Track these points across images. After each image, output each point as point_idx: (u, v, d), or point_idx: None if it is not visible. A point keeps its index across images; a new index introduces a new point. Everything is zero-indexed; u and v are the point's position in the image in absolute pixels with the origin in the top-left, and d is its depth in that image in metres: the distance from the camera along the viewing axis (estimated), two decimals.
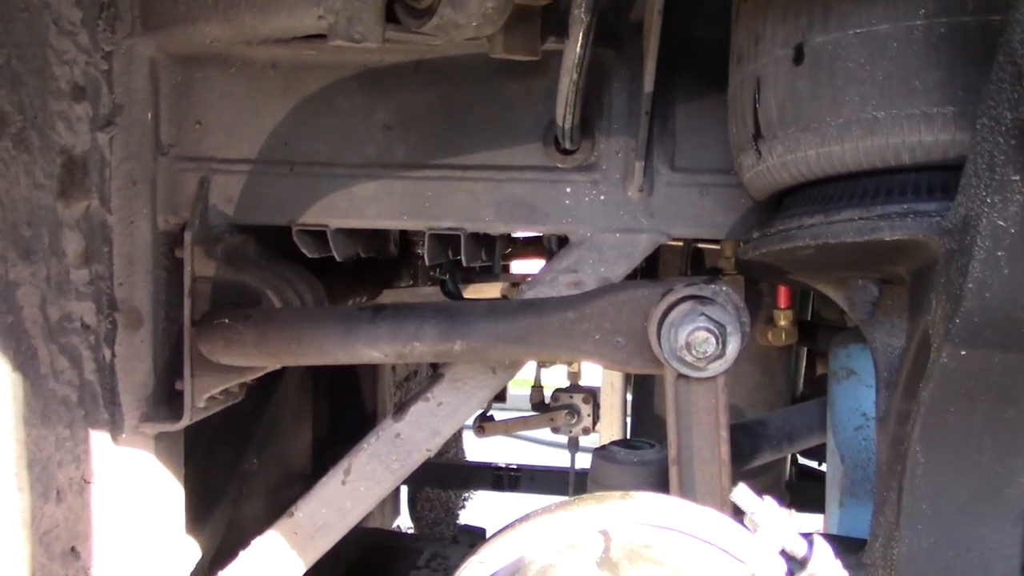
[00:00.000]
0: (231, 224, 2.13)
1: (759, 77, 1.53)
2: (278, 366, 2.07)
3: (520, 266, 3.68)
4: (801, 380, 3.43)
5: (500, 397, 4.15)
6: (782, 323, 2.62)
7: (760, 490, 2.96)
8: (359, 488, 2.12)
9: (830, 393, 2.05)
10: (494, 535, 1.12)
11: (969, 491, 1.45)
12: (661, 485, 1.68)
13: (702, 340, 1.55)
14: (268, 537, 2.13)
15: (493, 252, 3.13)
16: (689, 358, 1.57)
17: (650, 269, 2.98)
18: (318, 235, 2.13)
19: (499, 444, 3.57)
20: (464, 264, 2.16)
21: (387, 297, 2.92)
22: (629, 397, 3.47)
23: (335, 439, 3.38)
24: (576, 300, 1.74)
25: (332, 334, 1.83)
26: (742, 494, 1.22)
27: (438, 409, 2.09)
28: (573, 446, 3.17)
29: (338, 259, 2.14)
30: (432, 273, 2.73)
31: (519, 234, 3.07)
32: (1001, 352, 1.28)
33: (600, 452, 1.78)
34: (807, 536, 1.22)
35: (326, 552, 2.14)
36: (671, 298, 1.60)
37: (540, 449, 7.30)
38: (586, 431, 3.08)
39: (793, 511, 1.23)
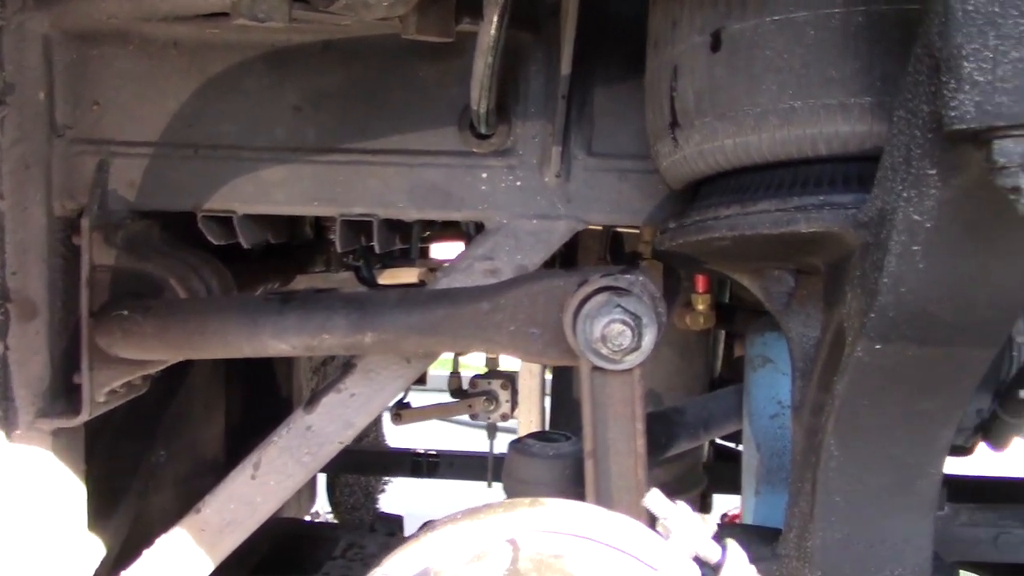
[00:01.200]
0: (132, 210, 2.03)
1: (676, 64, 1.50)
2: (180, 359, 1.99)
3: (440, 249, 3.63)
4: (719, 363, 3.44)
5: (420, 380, 4.09)
6: (700, 307, 2.61)
7: (678, 473, 2.97)
8: (269, 482, 2.05)
9: (746, 381, 2.04)
10: (398, 546, 1.07)
11: (883, 483, 1.45)
12: (577, 478, 1.65)
13: (617, 332, 1.52)
14: (174, 535, 2.06)
15: (410, 237, 3.08)
16: (604, 351, 1.53)
17: (569, 254, 2.95)
18: (225, 221, 2.05)
19: (423, 425, 3.52)
20: (377, 251, 2.09)
21: (301, 283, 2.84)
22: (548, 380, 3.45)
23: (250, 427, 3.29)
24: (491, 290, 1.69)
25: (237, 326, 1.76)
26: (655, 499, 1.19)
27: (351, 400, 2.03)
28: (491, 432, 3.14)
29: (245, 246, 2.06)
30: (345, 259, 2.66)
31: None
32: (915, 346, 1.27)
33: (515, 445, 1.75)
34: (720, 541, 1.20)
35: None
36: (586, 289, 1.57)
37: (464, 431, 7.27)
38: (504, 417, 3.05)
39: (705, 517, 1.20)
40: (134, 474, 2.54)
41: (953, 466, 2.69)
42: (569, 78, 1.89)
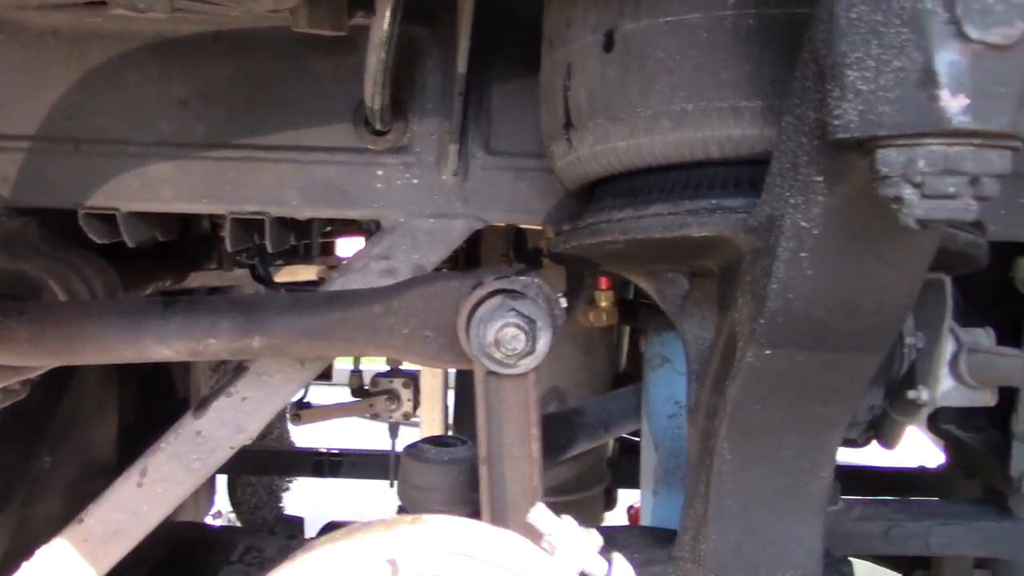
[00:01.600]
0: (8, 207, 1.93)
1: (570, 63, 1.47)
2: (58, 365, 1.90)
3: (347, 245, 3.56)
4: (624, 358, 3.45)
5: (326, 375, 4.02)
6: (603, 304, 2.60)
7: (581, 470, 2.97)
8: (156, 490, 1.98)
9: (645, 380, 2.04)
10: (275, 569, 1.03)
11: (774, 486, 1.45)
12: (473, 484, 1.62)
13: (511, 337, 1.49)
14: (55, 546, 1.97)
15: (309, 233, 3.01)
16: (498, 355, 1.51)
17: (472, 251, 2.92)
18: (109, 219, 1.96)
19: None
20: (270, 251, 2.03)
21: (195, 280, 2.75)
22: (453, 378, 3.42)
23: (145, 427, 3.18)
24: (383, 293, 1.65)
25: (117, 330, 1.68)
26: (540, 515, 1.16)
27: (242, 404, 1.96)
28: (393, 432, 3.10)
29: (130, 245, 1.98)
30: (238, 257, 2.59)
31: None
32: (805, 352, 1.27)
33: (410, 451, 1.71)
34: (607, 555, 1.18)
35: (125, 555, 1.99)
36: (480, 292, 1.53)
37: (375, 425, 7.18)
38: (407, 416, 3.01)
39: (593, 531, 1.18)
40: (16, 482, 2.42)
41: (847, 457, 2.76)
42: (466, 76, 1.86)
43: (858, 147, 0.97)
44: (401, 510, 1.71)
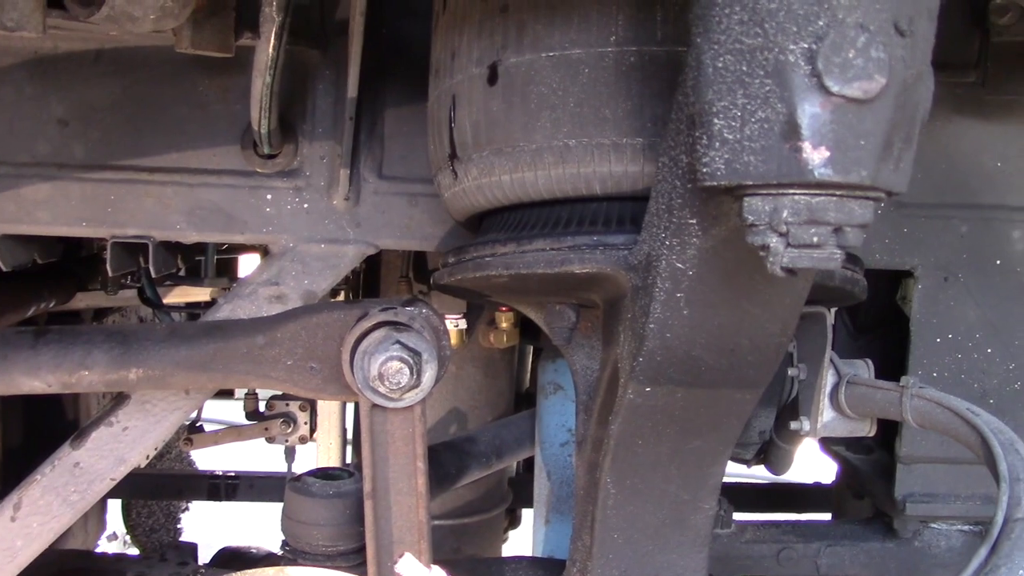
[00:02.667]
0: None
1: (455, 94, 1.45)
2: None
3: (250, 263, 3.49)
4: (527, 378, 3.44)
5: (228, 391, 3.93)
6: (503, 325, 2.59)
7: (483, 491, 2.94)
8: (32, 524, 1.90)
9: (538, 407, 2.03)
10: None
11: (659, 519, 1.45)
12: (359, 518, 1.59)
13: (395, 370, 1.46)
14: None
15: (205, 252, 2.94)
16: (382, 388, 1.48)
17: (371, 272, 2.88)
18: None
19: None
20: (153, 275, 1.97)
21: (81, 301, 2.65)
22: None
23: (31, 450, 3.06)
24: (266, 323, 1.60)
25: None
26: (407, 565, 1.14)
27: (123, 435, 1.90)
28: (289, 456, 3.04)
29: (4, 268, 1.90)
30: (123, 280, 2.51)
31: None
32: (684, 388, 1.27)
33: (293, 484, 1.66)
34: None
35: None
36: (364, 324, 1.50)
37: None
38: (303, 440, 2.95)
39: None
40: None
41: (744, 474, 2.78)
42: (356, 100, 1.83)
43: (727, 194, 0.97)
44: (284, 545, 1.66)
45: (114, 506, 4.09)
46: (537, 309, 1.62)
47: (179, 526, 4.51)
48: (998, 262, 2.04)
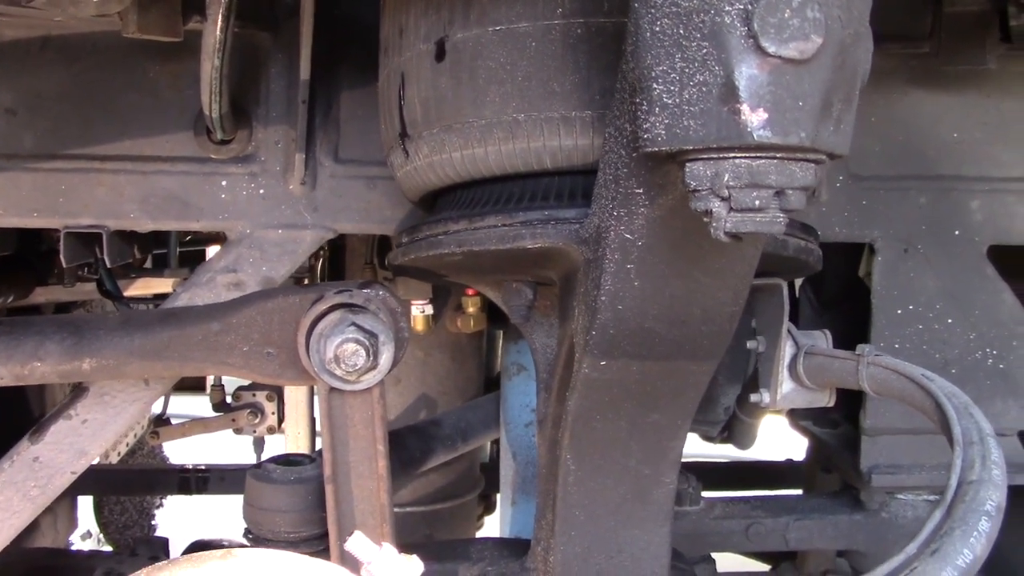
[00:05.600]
0: None
1: (403, 72, 1.44)
2: None
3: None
4: (497, 362, 3.43)
5: (198, 385, 3.88)
6: (470, 309, 2.58)
7: (454, 477, 2.93)
8: None
9: (502, 389, 2.02)
10: None
11: (620, 494, 1.45)
12: (321, 504, 1.58)
13: (351, 352, 1.45)
14: None
15: (168, 243, 2.91)
16: (339, 371, 1.46)
17: (336, 258, 2.86)
18: None
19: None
20: (108, 265, 1.94)
21: (41, 296, 2.62)
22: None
23: None
24: (221, 309, 1.59)
25: None
26: (358, 543, 1.13)
27: (83, 427, 1.87)
28: (258, 446, 3.01)
29: None
30: (80, 272, 2.48)
31: None
32: (639, 361, 1.27)
33: (254, 471, 1.65)
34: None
35: None
36: (320, 307, 1.49)
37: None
38: (271, 430, 2.92)
39: (414, 558, 1.15)
40: None
41: (716, 453, 2.79)
42: (309, 83, 1.81)
43: (669, 160, 0.97)
44: (247, 533, 1.65)
45: (88, 504, 4.06)
46: (494, 288, 1.60)
47: (153, 522, 4.48)
48: (957, 232, 2.05)
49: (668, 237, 1.10)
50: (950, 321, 2.07)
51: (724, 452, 2.75)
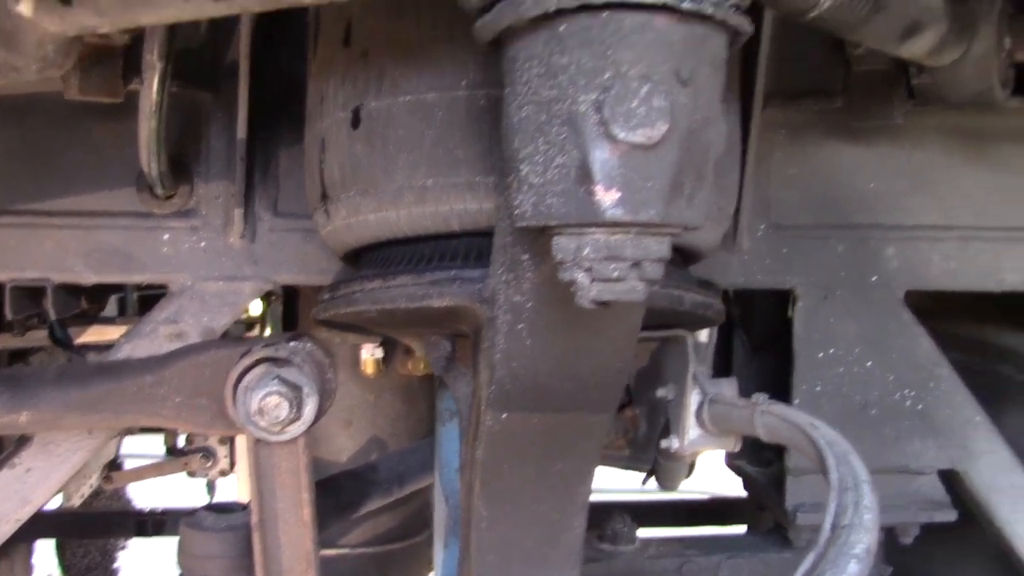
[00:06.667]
0: None
1: (324, 137, 1.52)
2: None
3: None
4: None
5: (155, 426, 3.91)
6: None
7: (403, 519, 2.97)
8: None
9: (437, 434, 2.08)
10: None
11: (531, 539, 1.51)
12: (252, 551, 1.63)
13: (274, 405, 1.52)
14: None
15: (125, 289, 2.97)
16: (263, 423, 1.53)
17: (289, 307, 2.92)
18: None
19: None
20: (53, 317, 2.01)
21: None
22: None
23: None
24: (155, 362, 1.65)
25: None
26: None
27: (27, 476, 1.93)
28: (210, 490, 3.06)
29: None
30: (28, 322, 2.53)
31: None
32: (537, 414, 1.34)
33: (187, 520, 1.71)
34: None
35: None
36: (246, 361, 1.56)
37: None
38: (223, 473, 2.97)
39: None
40: None
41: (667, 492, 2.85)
42: (246, 141, 1.89)
43: (540, 233, 1.04)
44: None
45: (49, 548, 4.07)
46: (417, 340, 1.68)
47: (116, 564, 4.49)
48: (874, 279, 2.13)
49: (553, 300, 1.17)
50: (869, 364, 2.15)
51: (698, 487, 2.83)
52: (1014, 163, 2.15)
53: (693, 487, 2.79)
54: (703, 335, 2.05)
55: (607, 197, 0.94)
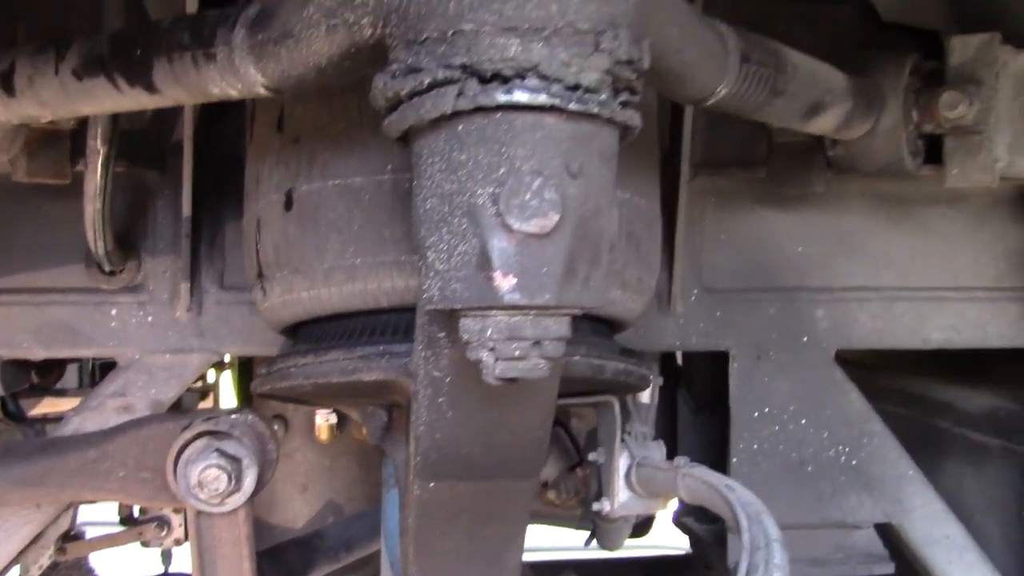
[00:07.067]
0: None
1: (259, 218, 1.58)
2: None
3: None
4: None
5: None
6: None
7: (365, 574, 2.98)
8: None
9: (383, 500, 2.12)
10: None
11: None
12: None
13: (214, 477, 1.56)
14: None
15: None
16: (203, 495, 1.57)
17: (245, 371, 2.96)
18: None
19: None
20: (3, 392, 2.04)
21: None
22: None
23: None
24: (98, 437, 1.69)
25: None
26: None
27: None
28: (166, 559, 3.06)
29: None
30: None
31: None
32: (463, 482, 1.39)
33: None
34: None
35: None
36: (187, 435, 1.60)
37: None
38: (178, 542, 2.97)
39: None
40: None
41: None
42: (191, 219, 1.95)
43: (449, 316, 1.11)
44: None
45: None
46: (355, 409, 1.73)
47: None
48: (805, 339, 2.22)
49: (469, 375, 1.23)
50: (804, 422, 2.22)
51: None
52: (934, 226, 2.25)
53: (646, 543, 2.84)
54: (645, 396, 2.11)
55: (505, 283, 1.00)
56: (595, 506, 1.74)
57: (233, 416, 1.65)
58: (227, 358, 2.60)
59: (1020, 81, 1.85)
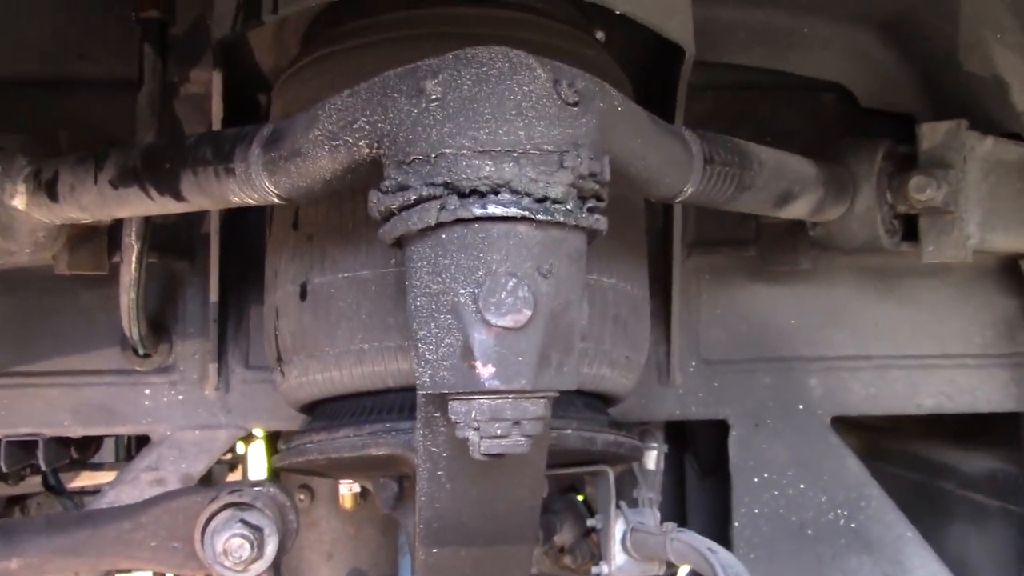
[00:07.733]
0: None
1: (277, 307, 1.73)
2: None
3: None
4: None
5: None
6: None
7: None
8: None
9: (399, 565, 2.24)
10: None
11: None
12: None
13: (237, 546, 1.69)
14: None
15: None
16: (227, 563, 1.70)
17: (271, 440, 3.09)
18: None
19: None
20: (44, 468, 2.20)
21: None
22: None
23: None
24: (133, 509, 1.83)
25: None
26: None
27: None
28: None
29: None
30: (23, 471, 2.72)
31: None
32: (464, 548, 1.51)
33: None
34: None
35: None
36: (213, 506, 1.74)
37: None
38: None
39: None
40: None
41: None
42: (218, 304, 2.10)
43: (440, 399, 1.25)
44: None
45: None
46: (369, 481, 1.86)
47: None
48: (801, 407, 2.32)
49: (463, 451, 1.36)
50: (802, 487, 2.32)
51: None
52: (921, 297, 2.36)
53: None
54: (651, 463, 2.23)
55: (485, 371, 1.14)
56: (594, 570, 1.85)
57: (256, 488, 1.78)
58: (255, 431, 2.74)
59: (987, 164, 1.98)
